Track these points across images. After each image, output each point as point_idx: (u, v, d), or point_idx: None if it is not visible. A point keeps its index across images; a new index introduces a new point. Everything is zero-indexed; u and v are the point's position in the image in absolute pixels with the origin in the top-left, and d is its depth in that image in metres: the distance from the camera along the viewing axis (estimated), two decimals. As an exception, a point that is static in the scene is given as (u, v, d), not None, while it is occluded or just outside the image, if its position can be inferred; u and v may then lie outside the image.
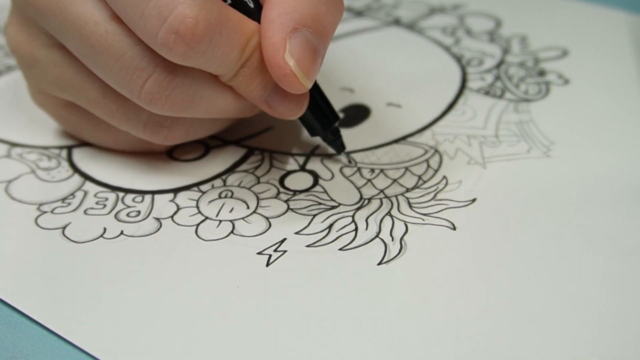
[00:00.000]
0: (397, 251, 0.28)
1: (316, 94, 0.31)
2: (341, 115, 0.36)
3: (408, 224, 0.30)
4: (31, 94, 0.33)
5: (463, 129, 0.35)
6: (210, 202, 0.31)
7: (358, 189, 0.32)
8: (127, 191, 0.32)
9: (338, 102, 0.37)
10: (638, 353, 0.24)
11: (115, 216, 0.31)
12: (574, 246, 0.28)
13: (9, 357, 0.25)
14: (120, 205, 0.31)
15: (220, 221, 0.30)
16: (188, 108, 0.29)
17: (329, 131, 0.32)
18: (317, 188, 0.32)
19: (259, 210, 0.31)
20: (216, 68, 0.28)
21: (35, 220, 0.31)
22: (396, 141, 0.34)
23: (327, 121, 0.31)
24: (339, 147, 0.32)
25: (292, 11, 0.27)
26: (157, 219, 0.30)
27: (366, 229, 0.30)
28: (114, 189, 0.32)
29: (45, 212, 0.31)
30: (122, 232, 0.30)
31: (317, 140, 0.34)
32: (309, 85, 0.28)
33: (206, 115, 0.30)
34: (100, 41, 0.28)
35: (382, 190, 0.31)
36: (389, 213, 0.30)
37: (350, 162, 0.32)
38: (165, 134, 0.31)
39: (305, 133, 0.35)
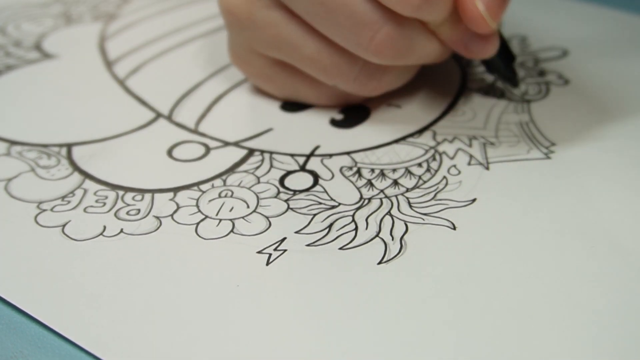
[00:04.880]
0: (397, 250, 0.29)
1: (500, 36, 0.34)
2: (341, 115, 0.36)
3: (408, 224, 0.30)
4: (234, 54, 0.36)
5: (463, 129, 0.35)
6: (210, 201, 0.31)
7: (358, 189, 0.32)
8: (127, 189, 0.32)
9: (338, 102, 0.37)
10: (638, 353, 0.24)
11: (115, 214, 0.31)
12: (574, 246, 0.28)
13: (9, 357, 0.25)
14: (120, 204, 0.31)
15: (220, 220, 0.30)
16: (406, 55, 0.32)
17: (509, 69, 0.35)
18: (317, 188, 0.32)
19: (259, 210, 0.31)
20: (434, 16, 0.31)
21: (35, 218, 0.31)
22: (396, 141, 0.34)
23: (508, 59, 0.35)
24: (515, 82, 0.36)
25: None
26: (157, 218, 0.30)
27: (366, 228, 0.30)
28: (113, 187, 0.32)
29: (44, 210, 0.31)
30: (121, 230, 0.30)
31: (317, 140, 0.34)
32: (495, 27, 0.31)
33: (415, 62, 0.33)
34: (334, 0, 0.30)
35: (382, 190, 0.31)
36: (389, 213, 0.30)
37: (515, 84, 0.36)
38: (374, 85, 0.34)
39: (304, 133, 0.35)
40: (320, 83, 0.35)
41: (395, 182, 0.32)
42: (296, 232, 0.30)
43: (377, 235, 0.29)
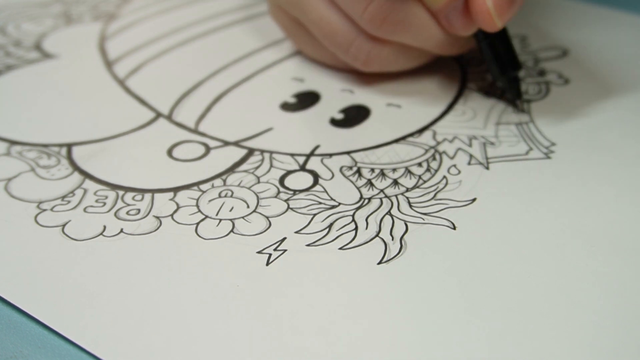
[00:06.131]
0: (397, 250, 0.29)
1: (502, 42, 0.35)
2: (341, 115, 0.36)
3: (408, 224, 0.30)
4: (270, 7, 0.39)
5: (463, 129, 0.35)
6: (210, 201, 0.31)
7: (358, 188, 0.32)
8: (127, 189, 0.32)
9: (338, 103, 0.37)
10: (638, 353, 0.25)
11: (115, 214, 0.31)
12: (574, 246, 0.28)
13: (9, 357, 0.25)
14: (120, 204, 0.31)
15: (220, 220, 0.30)
16: (400, 32, 0.34)
17: (506, 77, 0.35)
18: (317, 188, 0.32)
19: (259, 210, 0.31)
20: None
21: (35, 218, 0.31)
22: (396, 141, 0.34)
23: (505, 67, 0.35)
24: (514, 93, 0.36)
25: None
26: (157, 218, 0.30)
27: (366, 228, 0.30)
28: (113, 187, 0.32)
29: (45, 210, 0.31)
30: (121, 230, 0.30)
31: (317, 140, 0.34)
32: (500, 26, 0.33)
33: (413, 42, 0.35)
34: None
35: (382, 190, 0.31)
36: (389, 212, 0.30)
37: (523, 110, 0.35)
38: (362, 61, 0.36)
39: (304, 133, 0.35)
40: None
41: (395, 182, 0.32)
42: (296, 232, 0.30)
43: (377, 235, 0.29)
